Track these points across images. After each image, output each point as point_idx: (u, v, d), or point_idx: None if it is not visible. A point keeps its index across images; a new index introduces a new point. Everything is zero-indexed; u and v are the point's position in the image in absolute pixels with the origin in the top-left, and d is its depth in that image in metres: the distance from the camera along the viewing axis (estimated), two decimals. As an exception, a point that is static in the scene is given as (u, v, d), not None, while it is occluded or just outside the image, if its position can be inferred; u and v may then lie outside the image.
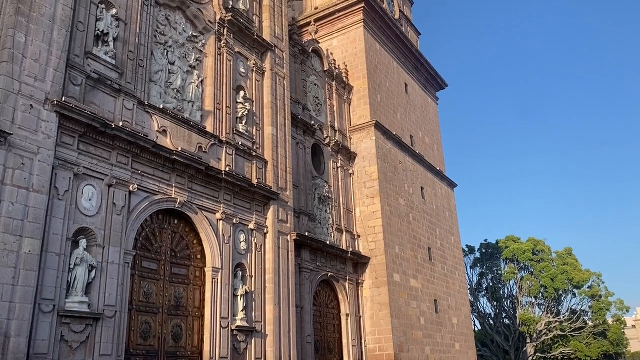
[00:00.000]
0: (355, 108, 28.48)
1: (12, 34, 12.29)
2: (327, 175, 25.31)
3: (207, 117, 18.14)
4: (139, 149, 14.85)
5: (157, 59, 16.93)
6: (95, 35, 14.66)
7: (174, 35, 17.81)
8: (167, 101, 16.89)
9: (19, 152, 11.87)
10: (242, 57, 20.35)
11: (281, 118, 21.30)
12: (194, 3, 18.61)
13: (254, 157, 19.48)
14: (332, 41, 29.81)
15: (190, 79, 18.04)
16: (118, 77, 15.00)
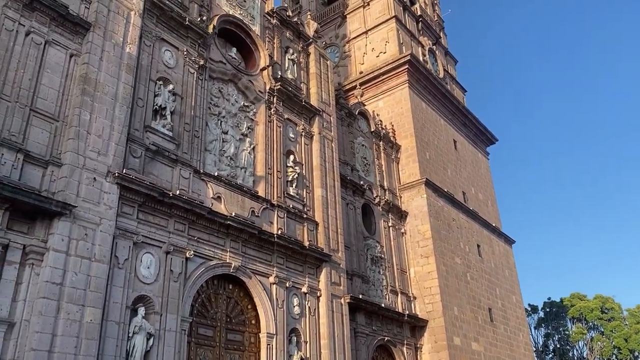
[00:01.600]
0: (404, 166, 28.44)
1: (78, 112, 13.15)
2: (379, 235, 25.03)
3: (259, 181, 18.53)
4: (195, 215, 15.24)
5: (212, 129, 17.64)
6: (153, 110, 15.50)
7: (227, 105, 18.59)
8: (221, 168, 17.42)
9: (83, 224, 12.39)
10: (291, 122, 20.93)
11: (330, 179, 21.50)
12: (244, 75, 19.50)
13: (305, 219, 19.58)
14: (377, 102, 30.29)
15: (243, 146, 18.63)
16: (175, 147, 15.66)
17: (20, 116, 12.39)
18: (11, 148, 11.92)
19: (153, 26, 16.26)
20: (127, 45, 14.88)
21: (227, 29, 19.50)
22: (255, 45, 20.39)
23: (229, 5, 19.86)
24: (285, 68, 21.59)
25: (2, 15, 12.75)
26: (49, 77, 13.26)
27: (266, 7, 21.71)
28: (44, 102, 13.00)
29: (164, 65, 16.33)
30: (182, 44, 17.11)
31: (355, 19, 33.49)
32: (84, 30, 14.11)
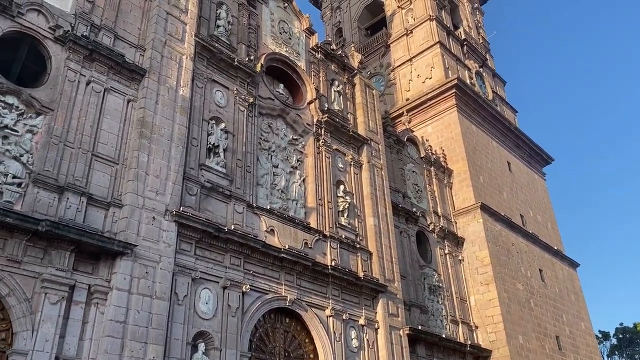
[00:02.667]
0: (458, 191, 27.89)
1: (137, 155, 13.72)
2: (436, 263, 24.47)
3: (310, 213, 18.62)
4: (250, 250, 15.42)
5: (263, 163, 17.97)
6: (207, 149, 15.98)
7: (277, 140, 18.93)
8: (274, 202, 17.64)
9: (144, 262, 12.77)
10: (340, 153, 21.03)
11: (382, 208, 21.32)
12: (293, 110, 19.86)
13: (359, 249, 19.42)
14: (426, 128, 30.05)
15: (293, 179, 18.83)
16: (229, 184, 16.02)
17: (84, 161, 13.04)
18: (76, 192, 12.52)
19: (204, 69, 16.90)
20: (181, 88, 15.51)
21: (275, 67, 20.03)
22: (301, 80, 20.81)
23: (275, 44, 20.43)
24: (332, 100, 21.85)
25: (65, 67, 13.60)
26: (109, 122, 13.95)
27: (311, 42, 22.18)
28: (105, 147, 13.64)
29: (216, 105, 16.88)
30: (232, 83, 17.67)
31: (399, 47, 33.67)
32: (140, 77, 14.83)
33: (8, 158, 11.99)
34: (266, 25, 20.47)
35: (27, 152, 12.33)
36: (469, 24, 37.53)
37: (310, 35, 22.34)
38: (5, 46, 13.11)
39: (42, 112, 12.86)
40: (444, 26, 33.47)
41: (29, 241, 11.39)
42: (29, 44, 13.53)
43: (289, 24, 21.54)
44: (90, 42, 14.00)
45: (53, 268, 11.55)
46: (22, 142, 12.33)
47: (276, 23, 20.97)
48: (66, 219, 12.06)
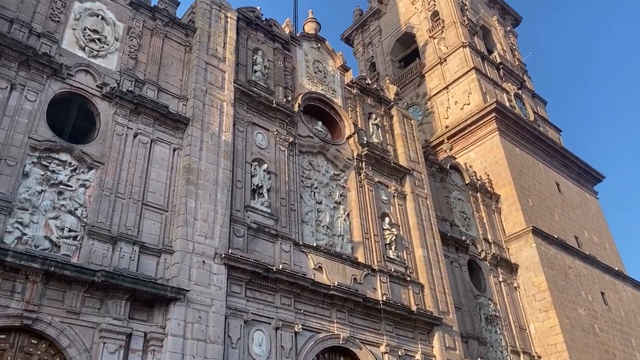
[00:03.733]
0: (507, 216, 27.16)
1: (185, 201, 14.06)
2: (490, 291, 23.67)
3: (357, 248, 18.47)
4: (299, 288, 15.37)
5: (306, 200, 18.06)
6: (251, 190, 16.23)
7: (318, 176, 19.05)
8: (319, 238, 17.62)
9: (196, 307, 12.89)
10: (382, 185, 20.94)
11: (430, 238, 20.95)
12: (332, 145, 20.02)
13: (409, 282, 19.05)
14: (468, 154, 29.63)
15: (337, 214, 18.81)
16: (274, 223, 16.15)
17: (134, 211, 13.44)
18: (128, 241, 12.87)
19: (244, 113, 17.33)
20: (223, 133, 15.92)
21: (312, 105, 20.36)
22: (339, 116, 21.03)
23: (310, 83, 20.82)
24: (371, 133, 21.92)
25: (113, 122, 14.22)
26: (157, 171, 14.40)
27: (346, 79, 22.49)
28: (154, 195, 14.05)
29: (257, 147, 17.21)
30: (272, 124, 18.02)
31: (433, 76, 33.68)
32: (183, 125, 15.34)
33: (63, 212, 12.48)
34: (301, 66, 20.93)
35: (80, 205, 12.81)
36: (503, 47, 37.29)
37: (345, 72, 22.67)
38: (58, 106, 13.84)
39: (94, 166, 13.41)
40: (478, 51, 33.36)
41: (86, 292, 11.72)
42: (78, 103, 14.25)
43: (323, 63, 21.95)
44: (135, 96, 14.63)
45: (110, 317, 11.80)
46: (75, 196, 12.84)
47: (310, 63, 21.41)
48: (120, 268, 12.38)
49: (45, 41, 13.86)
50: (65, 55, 14.21)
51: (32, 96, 13.07)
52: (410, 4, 37.21)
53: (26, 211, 11.94)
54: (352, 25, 40.99)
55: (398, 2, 38.15)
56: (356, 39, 40.98)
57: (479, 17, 36.16)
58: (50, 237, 12.04)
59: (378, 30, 38.95)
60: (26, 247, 11.56)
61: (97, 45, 15.03)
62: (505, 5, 40.30)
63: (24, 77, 13.07)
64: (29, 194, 12.15)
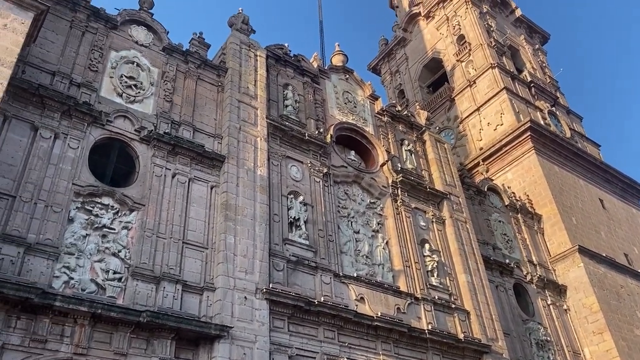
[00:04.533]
0: (550, 236, 26.36)
1: (224, 237, 14.18)
2: (539, 315, 22.82)
3: (398, 276, 18.18)
4: (342, 320, 15.16)
5: (344, 230, 17.98)
6: (289, 223, 16.27)
7: (354, 206, 18.98)
8: (359, 268, 17.43)
9: (240, 343, 12.84)
10: (419, 211, 20.69)
11: (472, 263, 20.46)
12: (366, 174, 20.00)
13: (454, 309, 18.56)
14: (505, 175, 29.09)
15: (376, 242, 18.63)
16: (313, 255, 16.09)
17: (176, 250, 13.63)
18: (171, 280, 13.02)
19: (278, 147, 17.55)
20: (258, 168, 16.12)
21: (343, 135, 20.46)
22: (371, 145, 21.06)
23: (341, 113, 20.99)
24: (404, 159, 21.82)
25: (152, 164, 14.59)
26: (195, 210, 14.63)
27: (375, 107, 22.60)
28: (194, 233, 14.24)
29: (292, 180, 17.32)
30: (305, 157, 18.16)
31: (463, 99, 33.50)
32: (219, 163, 15.62)
33: (108, 255, 12.75)
34: (331, 97, 21.17)
35: (124, 247, 13.07)
36: (533, 65, 36.92)
37: (374, 101, 22.79)
38: (99, 152, 14.31)
39: (135, 208, 13.72)
40: (507, 71, 33.10)
41: (132, 333, 11.83)
42: (118, 147, 14.71)
43: (352, 93, 22.15)
44: (171, 138, 15.02)
45: (156, 357, 11.86)
46: (118, 238, 13.13)
47: (340, 94, 21.64)
48: (164, 307, 12.49)
49: (85, 90, 14.45)
50: (104, 102, 14.76)
51: (75, 144, 13.57)
52: (435, 29, 37.41)
53: (72, 255, 12.24)
54: (379, 55, 41.36)
55: (423, 29, 38.40)
56: (383, 68, 41.27)
57: (505, 38, 36.02)
58: (96, 280, 12.28)
59: (404, 57, 39.17)
60: (73, 291, 11.81)
61: (133, 91, 15.58)
62: (532, 24, 40.05)
63: (66, 126, 13.61)
64: (74, 238, 12.49)
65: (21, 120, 13.03)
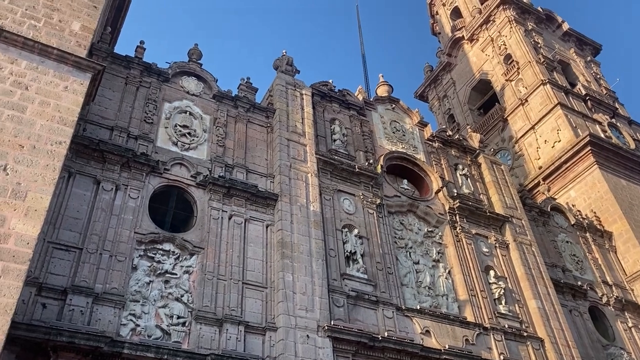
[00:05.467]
0: (624, 254, 24.83)
1: (282, 275, 14.20)
2: (621, 339, 21.30)
3: (464, 306, 17.53)
4: (408, 355, 14.70)
5: (402, 262, 17.62)
6: (345, 257, 16.12)
7: (411, 235, 18.63)
8: (422, 300, 16.96)
9: (305, 383, 12.63)
10: (481, 236, 20.05)
11: (542, 287, 19.48)
12: (421, 202, 19.65)
13: (527, 337, 17.64)
14: (568, 193, 27.87)
15: (438, 272, 18.12)
16: (373, 289, 15.81)
17: (236, 291, 13.74)
18: (233, 322, 13.08)
19: (329, 181, 17.60)
20: (311, 204, 16.18)
21: (394, 164, 20.31)
22: (424, 172, 20.76)
23: (390, 143, 20.91)
24: (460, 184, 21.35)
25: (208, 207, 14.94)
26: (253, 249, 14.78)
27: (425, 134, 22.38)
28: (252, 273, 14.34)
29: (346, 213, 17.25)
30: (357, 189, 18.09)
31: (516, 118, 32.66)
32: (273, 202, 15.81)
33: (171, 300, 13.00)
34: (378, 128, 21.17)
35: (186, 291, 13.30)
36: (586, 78, 35.68)
37: (423, 127, 22.60)
38: (158, 199, 14.81)
39: (195, 252, 14.01)
40: (560, 86, 32.11)
41: (198, 376, 11.89)
42: (176, 194, 15.18)
43: (400, 122, 22.07)
44: (226, 181, 15.38)
45: (223, 400, 11.82)
46: (181, 283, 13.39)
47: (387, 124, 21.61)
48: (228, 350, 12.52)
49: (142, 142, 15.11)
50: (161, 152, 15.36)
51: (135, 194, 14.12)
52: (480, 51, 37.00)
53: (137, 303, 12.56)
54: (425, 82, 41.21)
55: (468, 52, 38.08)
56: (430, 94, 41.04)
57: (554, 53, 35.12)
58: (161, 326, 12.51)
59: (451, 82, 38.84)
60: (140, 337, 12.06)
61: (188, 139, 16.16)
62: (581, 36, 38.91)
63: (126, 177, 14.21)
64: (138, 285, 12.84)
65: (84, 175, 13.72)
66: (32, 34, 12.85)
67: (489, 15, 36.29)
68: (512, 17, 35.10)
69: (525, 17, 36.20)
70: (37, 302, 11.35)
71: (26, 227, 10.10)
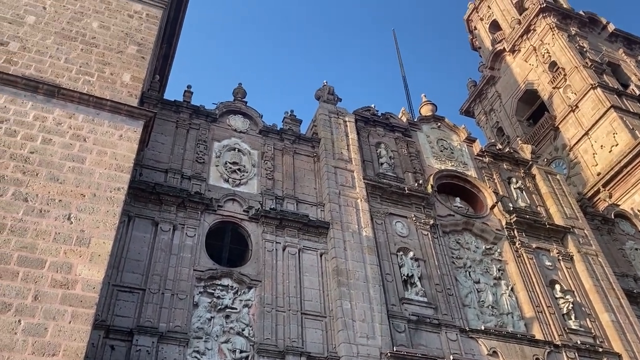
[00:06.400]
0: None
1: (340, 304, 14.13)
2: None
3: (531, 324, 16.85)
4: (477, 379, 14.20)
5: (462, 282, 17.19)
6: (402, 281, 15.88)
7: (469, 254, 18.19)
8: (486, 320, 16.43)
9: (372, 412, 12.39)
10: (542, 250, 19.33)
11: (614, 299, 18.48)
12: (476, 219, 19.23)
13: (602, 353, 16.71)
14: (632, 198, 26.56)
15: (500, 290, 17.56)
16: (433, 312, 15.47)
17: (296, 322, 13.77)
18: (295, 354, 13.09)
19: (379, 205, 17.53)
20: (363, 229, 16.14)
21: (445, 183, 20.03)
22: (476, 188, 20.37)
23: (439, 162, 20.68)
24: (515, 198, 20.78)
25: (262, 240, 15.16)
26: (309, 279, 14.82)
27: (474, 149, 22.03)
28: (310, 303, 14.35)
29: (399, 236, 17.08)
30: (409, 211, 17.91)
31: (568, 126, 31.64)
32: (325, 230, 15.88)
33: (233, 334, 13.16)
34: (425, 148, 21.01)
35: (247, 325, 13.44)
36: (639, 77, 34.30)
37: (471, 143, 22.27)
38: (213, 236, 15.16)
39: (252, 285, 14.19)
40: (611, 89, 30.97)
41: (264, 410, 11.90)
42: (230, 229, 15.51)
43: (446, 140, 21.85)
44: (278, 213, 15.61)
45: None
46: (241, 317, 13.55)
47: (434, 143, 21.43)
48: (291, 381, 12.48)
49: (195, 181, 15.63)
50: (213, 189, 15.80)
51: (192, 232, 14.53)
52: (523, 62, 36.32)
53: (200, 339, 12.78)
54: (469, 97, 40.72)
55: (510, 63, 37.46)
56: (476, 109, 40.46)
57: (602, 55, 34.03)
58: (225, 361, 12.65)
59: (497, 95, 38.20)
60: (205, 373, 12.22)
61: (238, 174, 16.58)
62: (629, 35, 37.55)
63: (182, 216, 14.67)
64: (200, 322, 13.08)
65: (143, 218, 14.26)
66: (87, 88, 13.66)
67: (529, 24, 35.69)
68: (553, 24, 34.40)
69: (567, 22, 35.40)
70: (106, 344, 11.75)
71: (91, 272, 10.55)
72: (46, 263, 10.30)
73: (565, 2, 38.33)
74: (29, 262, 10.18)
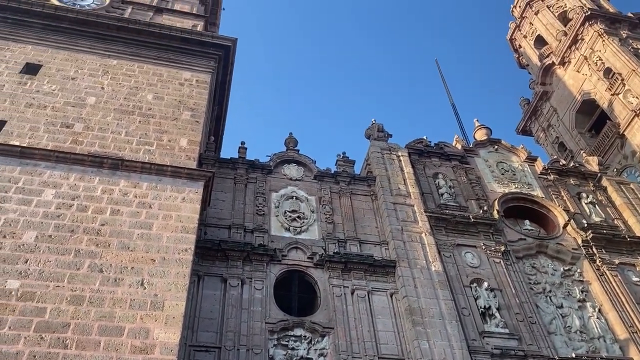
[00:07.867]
0: None
1: (417, 344, 13.66)
2: None
3: (626, 346, 15.63)
4: (575, 412, 13.19)
5: (544, 308, 16.29)
6: (480, 314, 15.21)
7: (547, 278, 17.30)
8: (576, 347, 15.42)
9: None
10: (627, 265, 18.11)
11: None
12: (550, 241, 18.34)
13: None
14: None
15: (586, 313, 16.50)
16: (517, 343, 14.69)
17: (373, 367, 13.36)
18: (376, 400, 12.64)
19: (445, 237, 17.08)
20: (431, 264, 15.72)
21: (512, 207, 19.35)
22: (545, 208, 19.56)
23: (501, 185, 20.08)
24: (588, 213, 19.75)
25: (330, 285, 15.02)
26: (382, 321, 14.47)
27: (537, 168, 21.29)
28: (387, 346, 13.95)
29: (470, 267, 16.50)
30: (477, 240, 17.35)
31: (634, 131, 30.03)
32: (392, 269, 15.57)
33: (313, 385, 12.92)
34: (485, 173, 20.49)
35: (324, 374, 13.18)
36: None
37: (533, 162, 21.56)
38: (281, 287, 15.18)
39: (325, 333, 13.99)
40: (674, 85, 29.36)
41: None
42: (296, 277, 15.49)
43: (506, 162, 21.26)
44: (342, 256, 15.50)
45: None
46: (317, 366, 13.31)
47: (494, 166, 20.88)
48: None
49: (258, 234, 15.83)
50: (276, 240, 15.94)
51: (259, 285, 14.62)
52: (576, 73, 35.18)
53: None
54: (524, 116, 39.68)
55: (562, 76, 36.38)
56: (533, 127, 39.28)
57: (659, 54, 32.48)
58: (306, 413, 12.39)
59: (552, 110, 37.01)
60: None
61: (298, 222, 16.68)
62: (687, 26, 35.79)
63: (249, 270, 14.83)
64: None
65: (212, 276, 14.52)
66: (148, 157, 14.32)
67: (576, 34, 34.73)
68: (601, 30, 33.30)
69: (617, 26, 34.18)
70: (188, 405, 11.82)
71: (168, 335, 10.74)
72: (124, 330, 10.59)
73: (611, 6, 37.18)
74: (109, 331, 10.49)
